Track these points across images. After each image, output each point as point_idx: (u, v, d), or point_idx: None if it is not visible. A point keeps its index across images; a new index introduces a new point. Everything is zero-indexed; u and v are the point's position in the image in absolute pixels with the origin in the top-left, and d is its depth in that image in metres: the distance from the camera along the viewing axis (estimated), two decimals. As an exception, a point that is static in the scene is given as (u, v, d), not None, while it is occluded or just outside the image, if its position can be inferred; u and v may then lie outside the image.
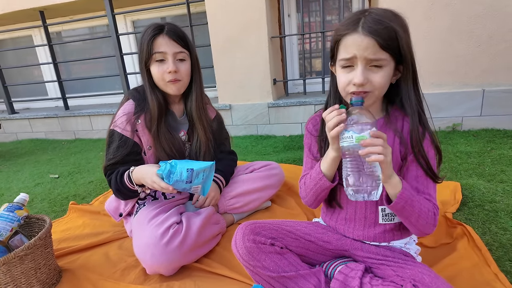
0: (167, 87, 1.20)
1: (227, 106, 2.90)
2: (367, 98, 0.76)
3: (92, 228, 1.47)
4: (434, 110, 2.42)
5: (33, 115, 3.62)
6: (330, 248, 0.91)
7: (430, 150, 0.79)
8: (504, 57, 2.23)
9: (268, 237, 0.86)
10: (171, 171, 1.05)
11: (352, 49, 0.72)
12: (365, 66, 0.72)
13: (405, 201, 0.72)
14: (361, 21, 0.71)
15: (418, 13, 2.28)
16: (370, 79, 0.73)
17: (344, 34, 0.73)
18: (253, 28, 2.65)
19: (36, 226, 1.20)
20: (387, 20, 0.70)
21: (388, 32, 0.70)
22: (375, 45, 0.70)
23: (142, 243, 1.07)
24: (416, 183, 0.78)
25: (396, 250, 0.86)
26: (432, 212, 0.76)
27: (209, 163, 1.12)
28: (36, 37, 3.98)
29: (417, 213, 0.74)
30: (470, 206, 1.35)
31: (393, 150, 0.79)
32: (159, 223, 1.10)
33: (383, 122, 0.82)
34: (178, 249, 1.06)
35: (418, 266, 0.78)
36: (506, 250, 1.06)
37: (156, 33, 1.15)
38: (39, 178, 2.32)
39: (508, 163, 1.73)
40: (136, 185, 1.14)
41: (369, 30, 0.69)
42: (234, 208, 1.39)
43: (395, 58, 0.74)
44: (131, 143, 1.20)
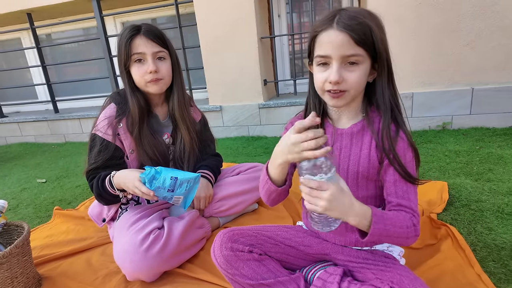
0: (148, 87, 1.18)
1: (218, 107, 2.88)
2: (343, 98, 0.74)
3: (76, 234, 1.45)
4: (424, 109, 2.42)
5: (22, 118, 3.57)
6: (311, 252, 0.90)
7: (407, 152, 0.76)
8: (493, 56, 2.23)
9: (246, 244, 0.85)
10: (155, 177, 1.03)
11: (327, 46, 0.71)
12: (341, 63, 0.71)
13: (379, 235, 0.68)
14: (336, 18, 0.71)
15: (406, 12, 2.27)
16: (345, 77, 0.72)
17: (320, 31, 0.73)
18: (242, 29, 2.63)
19: (15, 234, 1.17)
20: (361, 17, 0.70)
21: (362, 27, 0.69)
22: (349, 40, 0.69)
23: (121, 250, 1.05)
24: (394, 188, 0.76)
25: (378, 253, 0.85)
26: (412, 226, 0.72)
27: (195, 174, 1.11)
28: (25, 40, 3.93)
29: (395, 236, 0.70)
30: (456, 206, 1.34)
31: (369, 154, 0.78)
32: (139, 228, 1.08)
33: (361, 125, 0.81)
34: (159, 255, 1.04)
35: (398, 269, 0.77)
36: (490, 250, 1.05)
37: (133, 34, 1.12)
38: (26, 183, 2.29)
39: (496, 161, 1.73)
40: (118, 190, 1.12)
41: (343, 26, 0.69)
42: (220, 212, 1.37)
43: (371, 55, 0.72)
44: (113, 147, 1.18)
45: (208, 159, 1.41)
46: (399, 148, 0.75)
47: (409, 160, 0.76)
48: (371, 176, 0.79)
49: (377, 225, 0.67)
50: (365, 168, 0.79)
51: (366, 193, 0.82)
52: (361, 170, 0.79)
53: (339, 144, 0.82)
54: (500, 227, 1.17)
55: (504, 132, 2.17)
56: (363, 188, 0.82)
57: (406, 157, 0.76)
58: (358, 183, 0.81)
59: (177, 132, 1.31)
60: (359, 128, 0.80)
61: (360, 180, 0.81)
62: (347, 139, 0.81)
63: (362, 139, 0.80)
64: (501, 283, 0.92)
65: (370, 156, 0.78)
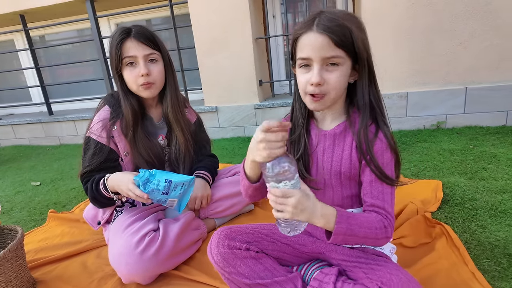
0: (140, 92, 1.17)
1: (214, 108, 2.88)
2: (322, 102, 0.76)
3: (71, 237, 1.44)
4: (419, 108, 2.44)
5: (16, 121, 3.54)
6: (306, 251, 0.91)
7: (385, 154, 0.76)
8: (486, 55, 2.25)
9: (244, 241, 0.85)
10: (149, 179, 1.03)
11: (308, 48, 0.72)
12: (322, 65, 0.72)
13: (343, 234, 0.69)
14: (315, 20, 0.72)
15: (400, 12, 2.29)
16: (326, 78, 0.73)
17: (300, 34, 0.74)
18: (237, 30, 2.63)
19: (8, 237, 1.16)
20: (340, 19, 0.71)
21: (341, 29, 0.70)
22: (329, 42, 0.70)
23: (116, 252, 1.04)
24: (370, 188, 0.77)
25: (369, 250, 0.85)
26: (382, 227, 0.73)
27: (189, 177, 1.10)
28: (18, 42, 3.90)
29: (362, 237, 0.71)
30: (451, 204, 1.35)
31: (351, 154, 0.79)
32: (135, 231, 1.07)
33: (343, 126, 0.81)
34: (154, 257, 1.03)
35: (388, 267, 0.77)
36: (484, 248, 1.06)
37: (123, 37, 1.11)
38: (20, 186, 2.27)
39: (489, 160, 1.75)
40: (112, 193, 1.11)
41: (323, 28, 0.70)
42: (216, 213, 1.37)
43: (351, 56, 0.73)
44: (107, 150, 1.17)
45: (205, 160, 1.40)
46: (377, 148, 0.76)
47: (387, 162, 0.76)
48: (353, 176, 0.80)
49: (341, 224, 0.69)
50: (347, 168, 0.80)
51: (350, 192, 0.83)
52: (343, 170, 0.81)
53: (322, 145, 0.84)
54: (494, 225, 1.18)
55: (497, 131, 2.19)
56: (346, 187, 0.83)
57: (384, 158, 0.76)
58: (342, 182, 0.83)
59: (172, 134, 1.31)
60: (342, 129, 0.81)
61: (343, 180, 0.82)
62: (330, 140, 0.82)
63: (344, 140, 0.81)
64: (495, 281, 0.93)
65: (352, 156, 0.79)
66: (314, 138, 0.85)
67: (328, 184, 0.84)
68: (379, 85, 0.81)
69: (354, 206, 0.84)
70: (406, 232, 1.14)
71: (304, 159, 0.85)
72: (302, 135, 0.85)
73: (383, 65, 2.37)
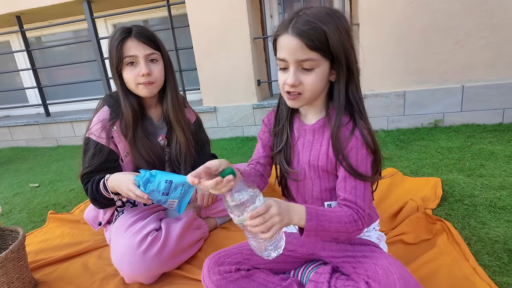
0: (139, 90, 1.17)
1: (212, 108, 2.88)
2: (299, 101, 0.78)
3: (71, 238, 1.43)
4: (416, 107, 2.46)
5: (13, 122, 3.52)
6: (297, 255, 0.92)
7: (360, 150, 0.77)
8: (482, 54, 2.27)
9: (233, 263, 0.86)
10: (149, 180, 1.03)
11: (283, 51, 0.74)
12: (297, 67, 0.74)
13: (315, 230, 0.71)
14: (292, 22, 0.72)
15: (397, 11, 2.30)
16: (301, 80, 0.74)
17: (278, 35, 0.75)
18: (235, 30, 2.63)
19: (9, 239, 1.15)
20: (316, 21, 0.70)
21: (316, 32, 0.70)
22: (302, 46, 0.71)
23: (119, 252, 1.04)
24: (344, 183, 0.78)
25: (356, 241, 0.86)
26: (353, 221, 0.74)
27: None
28: (14, 43, 3.88)
29: (334, 231, 0.73)
30: (450, 201, 1.36)
31: (328, 150, 0.81)
32: (137, 230, 1.07)
33: (323, 122, 0.83)
34: (157, 257, 1.03)
35: (373, 257, 0.78)
36: (484, 244, 1.07)
37: (124, 37, 1.11)
38: (19, 188, 2.26)
39: (487, 157, 1.76)
40: (112, 193, 1.11)
41: (297, 31, 0.70)
42: (217, 212, 1.37)
43: (328, 57, 0.73)
44: (107, 151, 1.16)
45: (207, 159, 1.40)
46: (351, 145, 0.77)
47: (362, 158, 0.77)
48: (330, 170, 0.82)
49: (311, 222, 0.70)
50: (324, 163, 0.82)
51: (329, 185, 0.85)
52: (320, 165, 0.82)
53: (303, 139, 0.86)
54: (493, 221, 1.19)
55: (494, 128, 2.21)
56: (325, 180, 0.85)
57: (359, 154, 0.77)
58: (320, 175, 0.85)
59: (172, 134, 1.31)
60: (321, 124, 0.83)
61: (321, 173, 0.84)
62: (310, 134, 0.85)
63: (323, 135, 0.83)
64: (496, 276, 0.94)
65: (328, 152, 0.81)
66: (296, 132, 0.88)
67: (307, 177, 0.86)
68: (377, 84, 0.82)
69: (333, 199, 0.86)
70: (407, 228, 1.15)
71: (286, 151, 0.88)
72: (285, 128, 0.88)
73: (381, 64, 2.39)
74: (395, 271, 0.70)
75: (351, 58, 0.75)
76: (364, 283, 0.72)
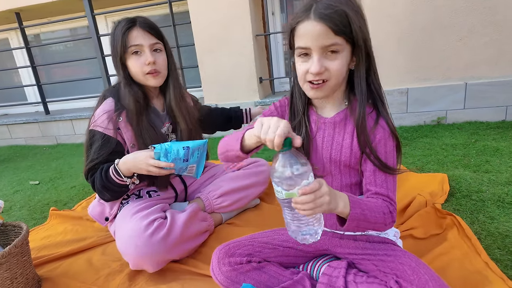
0: (147, 80, 1.16)
1: (214, 105, 2.86)
2: (323, 89, 0.74)
3: (74, 234, 1.41)
4: (420, 104, 2.45)
5: (12, 121, 3.49)
6: (310, 250, 0.90)
7: (388, 142, 0.75)
8: (485, 51, 2.27)
9: (244, 255, 0.84)
10: (168, 151, 1.04)
11: (306, 38, 0.70)
12: (321, 54, 0.71)
13: (358, 220, 0.68)
14: (313, 8, 0.69)
15: (400, 8, 2.29)
16: (327, 66, 0.71)
17: (298, 22, 0.71)
18: (237, 27, 2.62)
19: (12, 234, 1.13)
20: (337, 4, 0.68)
21: (339, 16, 0.68)
22: (327, 30, 0.68)
23: (125, 235, 1.04)
24: (374, 177, 0.76)
25: (375, 239, 0.84)
26: (388, 212, 0.73)
27: (203, 141, 1.13)
28: (13, 40, 3.85)
29: (373, 222, 0.71)
30: (457, 196, 1.35)
31: (351, 143, 0.78)
32: (143, 216, 1.07)
33: (344, 114, 0.80)
34: (163, 241, 1.03)
35: (397, 256, 0.77)
36: (494, 238, 1.06)
37: (129, 26, 1.11)
38: (18, 185, 2.23)
39: (492, 153, 1.76)
40: (125, 177, 1.09)
41: (320, 16, 0.68)
42: (222, 207, 1.35)
43: (350, 42, 0.71)
44: (114, 142, 1.14)
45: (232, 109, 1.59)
46: (380, 137, 0.75)
47: (390, 150, 0.76)
48: (353, 165, 0.80)
49: (355, 210, 0.68)
50: (347, 158, 0.79)
51: (350, 181, 0.82)
52: (343, 159, 0.79)
53: (322, 132, 0.82)
54: (502, 216, 1.18)
55: (498, 126, 2.21)
56: (346, 175, 0.82)
57: (387, 146, 0.75)
58: (341, 170, 0.82)
59: (175, 124, 1.30)
60: (342, 117, 0.80)
61: (343, 168, 0.81)
62: (330, 128, 0.81)
63: (344, 128, 0.80)
64: (508, 270, 0.93)
65: (352, 145, 0.78)
66: (314, 125, 0.84)
67: (327, 172, 0.83)
68: (380, 81, 0.80)
69: (355, 195, 0.83)
70: (416, 223, 1.14)
71: (304, 145, 0.84)
72: (303, 122, 0.83)
73: (384, 61, 2.38)
74: (425, 272, 0.69)
75: (369, 43, 0.74)
76: (394, 282, 0.70)
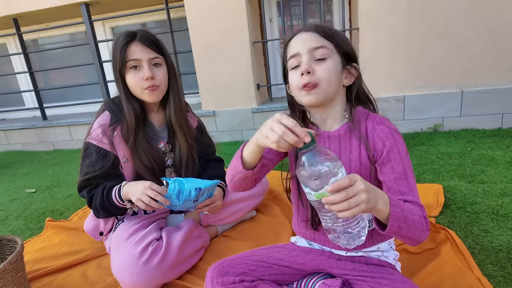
0: (145, 95, 1.15)
1: (211, 112, 2.87)
2: (315, 93, 0.75)
3: (70, 246, 1.41)
4: (416, 111, 2.46)
5: (9, 126, 3.48)
6: (306, 269, 0.90)
7: (400, 147, 0.74)
8: (481, 59, 2.28)
9: (237, 274, 0.84)
10: (181, 191, 1.06)
11: (295, 45, 0.78)
12: (310, 57, 0.75)
13: (399, 220, 0.63)
14: (303, 27, 0.80)
15: (396, 17, 2.31)
16: (315, 68, 0.75)
17: (290, 38, 0.80)
18: (234, 34, 2.63)
19: (7, 248, 1.13)
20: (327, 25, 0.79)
21: (328, 29, 0.78)
22: (316, 35, 0.76)
23: (119, 262, 1.03)
24: (397, 186, 0.73)
25: (373, 261, 0.84)
26: (423, 217, 0.69)
27: (214, 181, 1.16)
28: (11, 45, 3.85)
29: (412, 225, 0.66)
30: (452, 208, 1.36)
31: (360, 156, 0.78)
32: (138, 240, 1.06)
33: (345, 129, 0.80)
34: (158, 267, 1.02)
35: (395, 280, 0.76)
36: (488, 253, 1.07)
37: (128, 40, 1.10)
38: (15, 193, 2.23)
39: (487, 163, 1.76)
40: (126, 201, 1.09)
41: (308, 28, 0.77)
42: (218, 220, 1.36)
43: (339, 52, 0.77)
44: (110, 156, 1.15)
45: (217, 167, 1.39)
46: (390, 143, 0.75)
47: (404, 155, 0.75)
48: (364, 178, 0.78)
49: (396, 208, 0.63)
50: (357, 171, 0.78)
51: None
52: (353, 173, 0.79)
53: (328, 147, 0.82)
54: (496, 229, 1.19)
55: (493, 134, 2.22)
56: None
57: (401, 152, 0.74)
58: None
59: (174, 139, 1.29)
60: (346, 130, 0.80)
61: None
62: (335, 142, 0.81)
63: (350, 141, 0.79)
64: (500, 286, 0.93)
65: (361, 158, 0.77)
66: (317, 142, 0.84)
67: None
68: (376, 88, 0.85)
69: None
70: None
71: None
72: None
73: (381, 69, 2.39)
74: None
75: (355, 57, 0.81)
76: None
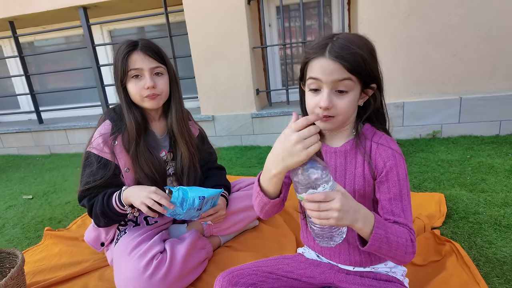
0: (145, 102, 1.15)
1: (210, 117, 2.85)
2: (331, 123, 0.75)
3: (70, 257, 1.39)
4: (415, 118, 2.47)
5: (4, 129, 3.43)
6: (315, 282, 0.89)
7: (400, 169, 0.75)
8: (479, 66, 2.30)
9: (247, 284, 0.83)
10: (185, 199, 1.05)
11: (318, 71, 0.72)
12: (331, 90, 0.72)
13: (380, 241, 0.67)
14: (328, 46, 0.71)
15: (396, 24, 2.32)
16: (335, 103, 0.73)
17: (312, 58, 0.73)
18: (234, 39, 2.62)
19: (7, 262, 1.11)
20: (353, 46, 0.71)
21: (354, 57, 0.70)
22: (341, 68, 0.70)
23: (123, 276, 1.01)
24: (390, 206, 0.75)
25: (382, 277, 0.84)
26: (410, 240, 0.72)
27: (218, 190, 1.16)
28: (6, 48, 3.79)
29: (395, 247, 0.69)
30: (455, 218, 1.36)
31: (363, 172, 0.78)
32: (142, 253, 1.04)
33: (351, 145, 0.80)
34: (163, 281, 1.01)
35: None
36: (493, 265, 1.07)
37: (130, 50, 1.10)
38: (11, 200, 2.19)
39: (487, 171, 1.78)
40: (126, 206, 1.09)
41: (335, 55, 0.70)
42: (221, 230, 1.34)
43: (362, 81, 0.73)
44: (113, 166, 1.14)
45: (219, 176, 1.38)
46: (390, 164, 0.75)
47: (403, 178, 0.75)
48: (368, 194, 0.79)
49: (379, 230, 0.66)
50: (361, 186, 0.79)
51: None
52: (357, 188, 0.79)
53: (333, 162, 0.82)
54: (499, 240, 1.19)
55: (492, 140, 2.24)
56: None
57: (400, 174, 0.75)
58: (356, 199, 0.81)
59: (176, 148, 1.29)
60: (352, 145, 0.80)
61: (358, 199, 0.80)
62: (341, 157, 0.81)
63: (355, 157, 0.80)
64: (506, 300, 0.94)
65: (365, 174, 0.78)
66: (324, 156, 0.84)
67: None
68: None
69: None
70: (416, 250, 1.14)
71: None
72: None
73: (380, 75, 2.40)
74: None
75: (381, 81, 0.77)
76: None
